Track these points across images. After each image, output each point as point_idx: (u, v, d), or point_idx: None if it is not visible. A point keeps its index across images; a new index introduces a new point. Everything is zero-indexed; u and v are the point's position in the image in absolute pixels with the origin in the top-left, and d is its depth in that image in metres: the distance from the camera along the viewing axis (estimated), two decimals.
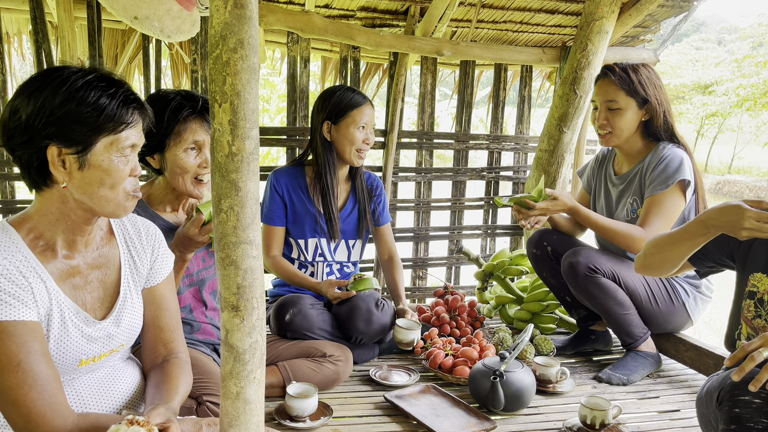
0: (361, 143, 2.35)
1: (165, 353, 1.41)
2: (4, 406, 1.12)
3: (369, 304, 2.24)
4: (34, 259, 1.17)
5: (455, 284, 3.81)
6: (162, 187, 1.84)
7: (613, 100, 2.27)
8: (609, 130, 2.30)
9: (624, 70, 2.27)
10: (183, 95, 1.77)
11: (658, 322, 2.35)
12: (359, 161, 2.39)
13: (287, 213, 2.42)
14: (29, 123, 1.13)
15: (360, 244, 2.56)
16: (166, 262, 1.45)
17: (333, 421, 1.88)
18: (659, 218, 2.18)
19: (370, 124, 2.37)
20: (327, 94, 2.39)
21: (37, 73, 1.18)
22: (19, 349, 1.11)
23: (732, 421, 1.33)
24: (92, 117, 1.15)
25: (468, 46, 3.43)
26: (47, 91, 1.13)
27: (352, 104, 2.33)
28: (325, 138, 2.37)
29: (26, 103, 1.13)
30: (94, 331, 1.26)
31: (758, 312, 1.57)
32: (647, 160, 2.30)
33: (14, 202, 2.95)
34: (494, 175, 3.78)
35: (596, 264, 2.22)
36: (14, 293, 1.11)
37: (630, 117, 2.27)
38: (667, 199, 2.18)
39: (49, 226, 1.21)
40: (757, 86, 15.90)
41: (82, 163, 1.16)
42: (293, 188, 2.42)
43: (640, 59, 3.66)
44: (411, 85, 14.03)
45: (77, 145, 1.15)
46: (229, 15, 0.96)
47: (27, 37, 3.44)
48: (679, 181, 2.17)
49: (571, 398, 2.11)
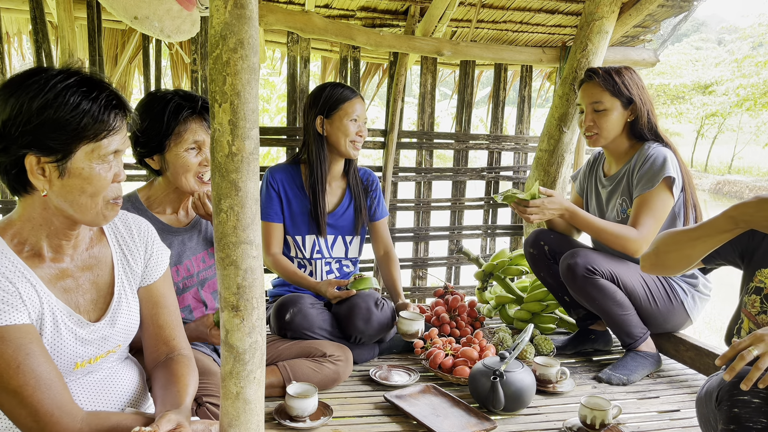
0: (355, 135, 2.39)
1: (167, 351, 1.40)
2: (12, 409, 1.12)
3: (368, 303, 2.24)
4: (22, 264, 1.15)
5: (455, 284, 3.81)
6: (162, 188, 1.84)
7: (598, 101, 2.31)
8: (596, 131, 2.34)
9: (607, 72, 2.32)
10: (181, 95, 1.76)
11: (657, 321, 2.35)
12: (355, 152, 2.42)
13: (283, 209, 2.43)
14: (5, 131, 1.08)
15: (357, 241, 2.57)
16: (162, 259, 1.43)
17: (333, 421, 1.88)
18: (649, 217, 2.20)
19: (362, 117, 2.41)
20: (317, 90, 2.44)
21: (14, 75, 1.12)
22: (17, 352, 1.10)
23: (731, 421, 1.33)
24: (72, 124, 1.09)
25: (468, 46, 3.43)
26: (24, 96, 1.08)
27: (343, 98, 2.38)
28: (318, 132, 2.39)
29: (2, 108, 1.08)
30: (88, 333, 1.24)
31: (764, 308, 1.57)
32: (633, 160, 2.33)
33: (14, 202, 2.95)
34: (494, 175, 3.78)
35: (594, 265, 2.22)
36: (2, 298, 1.10)
37: (616, 117, 2.32)
38: (654, 198, 2.21)
39: (33, 231, 1.18)
40: (757, 86, 15.89)
41: (62, 171, 1.12)
42: (289, 185, 2.44)
43: (640, 59, 3.66)
44: (411, 85, 14.02)
45: (56, 153, 1.10)
46: (229, 15, 0.96)
47: (27, 37, 3.44)
48: (664, 179, 2.20)
49: (571, 398, 2.11)
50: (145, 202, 1.83)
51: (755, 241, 1.62)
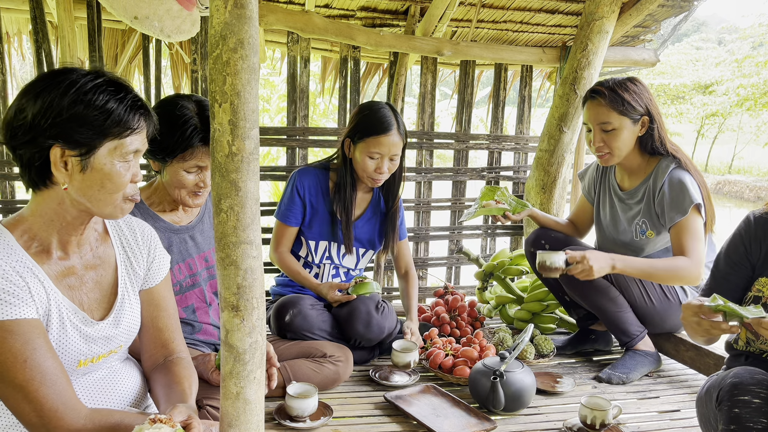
0: (373, 172, 2.27)
1: (166, 354, 1.42)
2: (17, 404, 1.12)
3: (369, 306, 2.23)
4: (30, 260, 1.17)
5: (455, 284, 3.81)
6: (164, 187, 1.84)
7: (606, 122, 2.22)
8: (607, 151, 2.27)
9: (612, 90, 2.21)
10: (200, 117, 1.71)
11: (654, 320, 2.35)
12: (372, 184, 2.33)
13: (305, 215, 2.40)
14: (35, 122, 1.12)
15: (370, 255, 2.55)
16: (163, 263, 1.45)
17: (333, 421, 1.87)
18: (693, 241, 2.15)
19: (387, 154, 2.25)
20: (361, 108, 2.32)
21: (45, 73, 1.18)
22: (24, 347, 1.11)
23: (731, 421, 1.33)
24: (99, 120, 1.15)
25: (468, 46, 3.43)
26: (55, 91, 1.13)
27: (373, 131, 2.23)
28: (345, 153, 2.34)
29: (33, 102, 1.13)
30: (93, 331, 1.25)
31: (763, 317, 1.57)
32: (651, 179, 2.28)
33: (14, 202, 2.95)
34: (494, 175, 3.78)
35: None
36: (13, 292, 1.11)
37: (626, 135, 2.23)
38: (690, 223, 2.16)
39: (44, 226, 1.21)
40: (758, 86, 15.89)
41: (84, 165, 1.16)
42: (315, 192, 2.39)
43: (640, 59, 3.66)
44: (411, 85, 14.02)
45: (81, 147, 1.15)
46: (229, 15, 0.96)
47: (27, 37, 3.44)
48: (694, 206, 2.15)
49: (571, 398, 2.11)
50: (147, 201, 1.83)
51: (753, 250, 1.62)
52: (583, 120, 2.34)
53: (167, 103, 1.74)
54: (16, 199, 3.00)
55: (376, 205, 2.51)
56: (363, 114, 2.28)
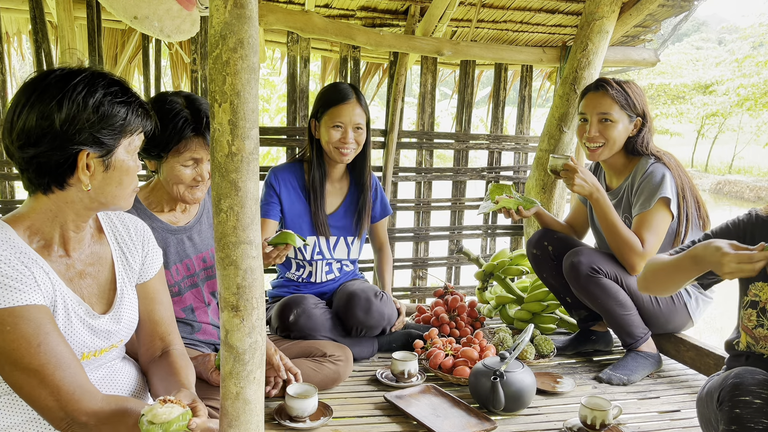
0: (337, 141, 2.30)
1: (162, 346, 1.45)
2: (32, 390, 1.13)
3: (368, 293, 2.26)
4: (33, 253, 1.19)
5: (455, 284, 3.81)
6: (161, 188, 1.84)
7: (607, 112, 2.30)
8: (602, 142, 2.33)
9: (619, 84, 2.32)
10: (189, 108, 1.72)
11: (659, 322, 2.35)
12: (341, 158, 2.34)
13: (283, 211, 2.41)
14: (63, 129, 1.14)
15: (359, 242, 2.56)
16: (157, 256, 1.48)
17: (333, 422, 1.87)
18: (649, 234, 2.21)
19: (350, 124, 2.29)
20: (321, 89, 2.43)
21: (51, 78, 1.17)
22: (37, 331, 1.12)
23: (732, 422, 1.33)
24: (119, 119, 1.20)
25: (468, 45, 3.42)
26: (77, 96, 1.15)
27: (331, 102, 2.31)
28: (312, 134, 2.38)
29: (56, 109, 1.14)
30: (97, 324, 1.28)
31: (760, 321, 1.56)
32: (632, 175, 2.34)
33: (14, 202, 2.95)
34: (494, 175, 3.77)
35: (598, 265, 2.23)
36: (20, 279, 1.13)
37: (621, 130, 2.32)
38: (652, 216, 2.22)
39: (47, 223, 1.22)
40: (758, 86, 15.89)
41: (107, 165, 1.21)
42: (291, 186, 2.42)
43: (640, 59, 3.66)
44: (411, 85, 14.00)
45: (105, 147, 1.19)
46: (229, 15, 0.96)
47: (27, 37, 3.44)
48: (660, 199, 2.20)
49: (572, 398, 2.11)
50: (145, 202, 1.83)
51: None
52: (580, 110, 2.40)
53: (156, 100, 1.75)
54: (16, 199, 3.00)
55: (352, 192, 2.52)
56: (322, 91, 2.39)
